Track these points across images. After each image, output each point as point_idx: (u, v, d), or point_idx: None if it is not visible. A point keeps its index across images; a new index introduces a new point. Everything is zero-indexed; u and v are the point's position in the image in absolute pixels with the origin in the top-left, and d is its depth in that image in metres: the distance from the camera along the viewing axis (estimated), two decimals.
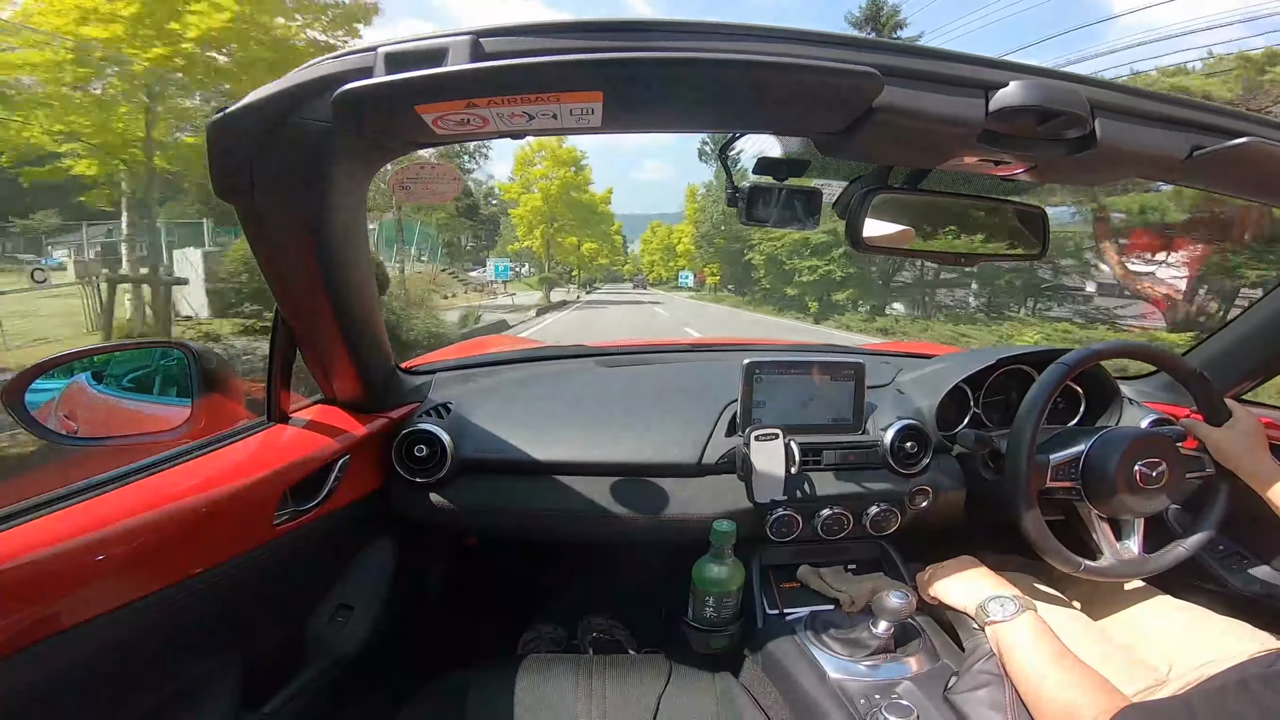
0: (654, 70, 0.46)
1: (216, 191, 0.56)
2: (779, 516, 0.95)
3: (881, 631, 0.80)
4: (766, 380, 0.98)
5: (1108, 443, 0.90)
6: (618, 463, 0.95)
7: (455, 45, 0.45)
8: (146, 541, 0.59)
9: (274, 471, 0.74)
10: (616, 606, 1.25)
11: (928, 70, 0.50)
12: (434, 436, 0.92)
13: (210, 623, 0.70)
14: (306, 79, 0.49)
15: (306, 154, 0.53)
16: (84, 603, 0.55)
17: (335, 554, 0.93)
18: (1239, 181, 0.67)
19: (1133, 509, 0.90)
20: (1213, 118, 0.56)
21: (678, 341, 1.59)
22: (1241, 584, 1.05)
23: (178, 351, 0.74)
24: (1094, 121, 0.53)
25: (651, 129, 0.56)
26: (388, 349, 0.90)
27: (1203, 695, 0.51)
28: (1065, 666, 0.66)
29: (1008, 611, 0.75)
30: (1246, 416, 0.91)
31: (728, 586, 0.88)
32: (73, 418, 0.72)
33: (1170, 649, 0.82)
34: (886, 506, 0.98)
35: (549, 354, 1.38)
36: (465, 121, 0.48)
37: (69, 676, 0.55)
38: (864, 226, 0.71)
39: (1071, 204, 10.07)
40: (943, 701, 0.73)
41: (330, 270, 0.66)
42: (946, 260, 0.80)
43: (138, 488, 0.63)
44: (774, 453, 0.90)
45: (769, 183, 0.72)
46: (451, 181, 1.43)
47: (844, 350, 1.58)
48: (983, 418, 1.13)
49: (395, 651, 0.98)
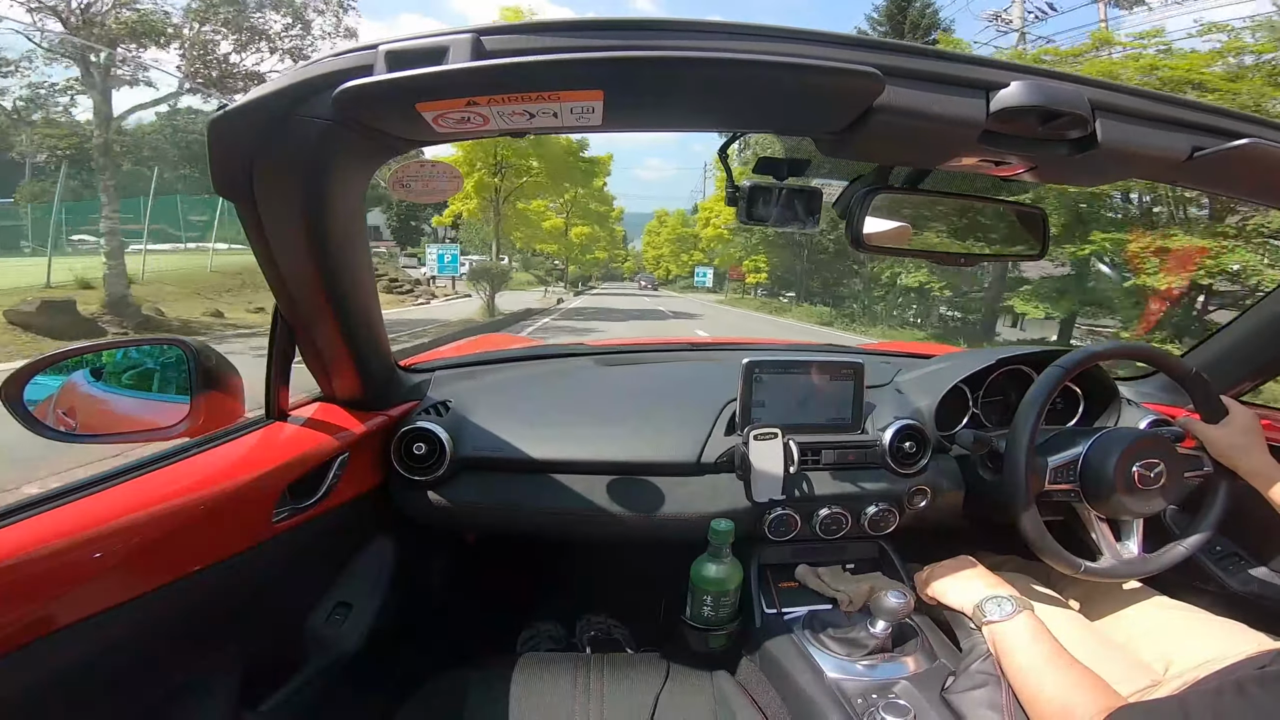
0: (655, 69, 0.46)
1: (217, 189, 0.56)
2: (777, 516, 0.95)
3: (879, 631, 0.81)
4: (766, 379, 0.98)
5: (1106, 443, 0.90)
6: (617, 461, 0.95)
7: (456, 43, 0.44)
8: (144, 539, 0.59)
9: (273, 469, 0.74)
10: (615, 605, 1.25)
11: (929, 70, 0.50)
12: (433, 435, 0.92)
13: (208, 621, 0.70)
14: (308, 76, 0.49)
15: (307, 151, 0.53)
16: (81, 601, 0.55)
17: (334, 552, 0.93)
18: (1240, 183, 0.67)
19: (1131, 509, 0.90)
20: (1214, 119, 0.56)
21: (677, 341, 1.59)
22: (1239, 584, 1.05)
23: (176, 348, 0.73)
24: (1095, 122, 0.53)
25: (652, 128, 0.57)
26: (387, 347, 0.90)
27: (1197, 695, 0.51)
28: (1062, 666, 0.66)
29: (1005, 611, 0.75)
30: (1244, 413, 0.91)
31: (726, 586, 0.88)
32: (71, 415, 0.71)
33: (1168, 649, 0.82)
34: (885, 506, 0.98)
35: (549, 352, 1.38)
36: (466, 120, 0.48)
37: (66, 675, 0.55)
38: (864, 226, 0.71)
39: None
40: (940, 701, 0.73)
41: (329, 268, 0.66)
42: (946, 261, 0.80)
43: (136, 485, 0.63)
44: (773, 452, 0.91)
45: (769, 182, 0.72)
46: (453, 180, 1.39)
47: (843, 350, 1.58)
48: (982, 418, 1.13)
49: (394, 649, 0.98)
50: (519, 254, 25.43)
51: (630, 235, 64.70)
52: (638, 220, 66.19)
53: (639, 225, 61.93)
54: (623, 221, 48.24)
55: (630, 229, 63.59)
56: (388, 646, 0.95)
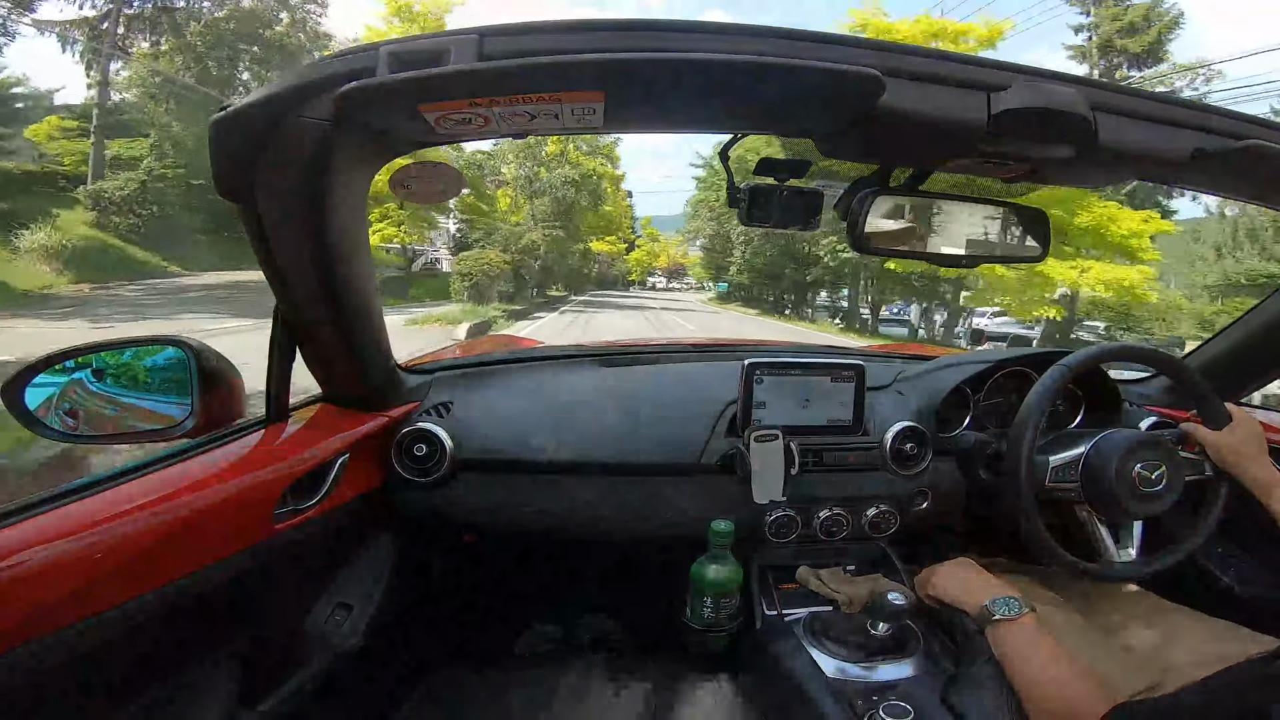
0: (656, 71, 0.46)
1: (218, 190, 0.56)
2: (778, 517, 0.95)
3: (880, 632, 0.80)
4: (767, 381, 0.98)
5: (1107, 445, 0.90)
6: (617, 462, 0.95)
7: (458, 45, 0.45)
8: (145, 539, 0.59)
9: (273, 469, 0.74)
10: (615, 606, 1.25)
11: (930, 71, 0.50)
12: (433, 436, 0.92)
13: (208, 621, 0.70)
14: (310, 78, 0.49)
15: (309, 153, 0.53)
16: (81, 600, 0.55)
17: (334, 553, 0.93)
18: (1241, 184, 0.67)
19: (1131, 511, 0.90)
20: (1215, 120, 0.56)
21: (678, 342, 1.59)
22: (1239, 586, 1.05)
23: (178, 349, 0.73)
24: (1096, 123, 0.52)
25: (653, 129, 0.57)
26: (388, 347, 0.90)
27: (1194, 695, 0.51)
28: (1063, 667, 0.66)
29: (1008, 612, 0.75)
30: (1247, 421, 0.91)
31: (726, 587, 0.88)
32: (73, 415, 0.72)
33: (1167, 651, 0.82)
34: (886, 508, 0.98)
35: (549, 354, 1.38)
36: (467, 121, 0.49)
37: (66, 675, 0.55)
38: (865, 227, 0.71)
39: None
40: (940, 703, 0.73)
41: (331, 269, 0.66)
42: (947, 262, 0.80)
43: (136, 485, 0.63)
44: (773, 453, 0.91)
45: (770, 183, 0.72)
46: (454, 181, 1.38)
47: (844, 351, 1.58)
48: (982, 420, 1.13)
49: (394, 650, 0.98)
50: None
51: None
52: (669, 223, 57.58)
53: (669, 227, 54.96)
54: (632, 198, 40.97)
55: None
56: (387, 647, 0.95)
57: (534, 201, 20.11)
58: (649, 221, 53.00)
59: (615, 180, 26.34)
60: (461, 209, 19.54)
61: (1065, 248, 10.87)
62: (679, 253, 48.93)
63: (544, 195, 20.06)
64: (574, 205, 21.04)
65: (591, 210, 23.51)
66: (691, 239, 31.15)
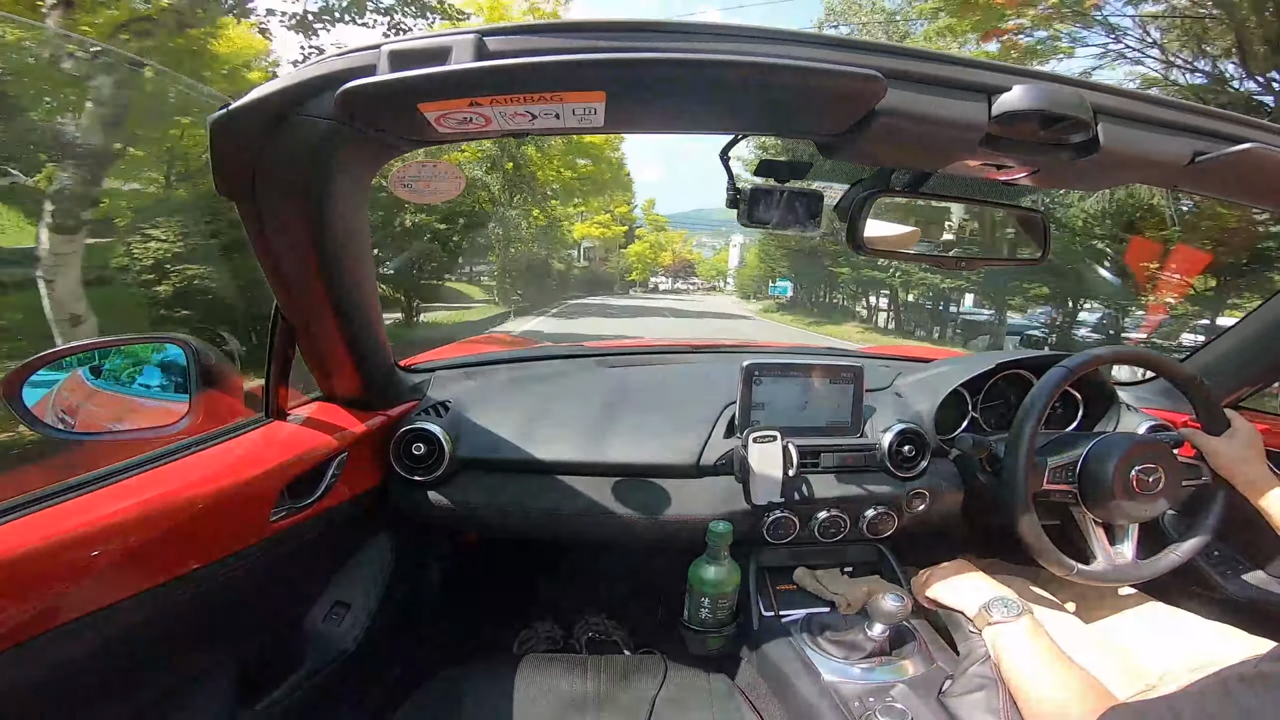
0: (657, 71, 0.46)
1: (218, 189, 0.56)
2: (776, 518, 0.95)
3: (877, 634, 0.81)
4: (765, 382, 0.98)
5: (1105, 448, 0.90)
6: (616, 463, 0.95)
7: (459, 44, 0.45)
8: (142, 537, 0.59)
9: (271, 468, 0.74)
10: (613, 606, 1.25)
11: (930, 73, 0.50)
12: (432, 435, 0.92)
13: (206, 619, 0.70)
14: (310, 76, 0.49)
15: (309, 151, 0.53)
16: (79, 599, 0.55)
17: (332, 551, 0.93)
18: (1241, 187, 0.67)
19: (1128, 514, 0.90)
20: (1216, 123, 0.56)
21: (678, 342, 1.59)
22: (1236, 589, 1.05)
23: (177, 347, 0.73)
24: (1097, 126, 0.52)
25: (654, 130, 0.57)
26: (387, 347, 0.90)
27: (1185, 697, 0.52)
28: (1060, 669, 0.67)
29: (1005, 614, 0.75)
30: (1245, 426, 0.92)
31: (724, 588, 0.88)
32: (71, 412, 0.71)
33: (1164, 654, 0.82)
34: (884, 509, 0.98)
35: (549, 353, 1.38)
36: (468, 120, 0.48)
37: (63, 673, 0.55)
38: (865, 229, 0.71)
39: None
40: (937, 704, 0.73)
41: (331, 268, 0.66)
42: (947, 264, 0.80)
43: (134, 483, 0.63)
44: (772, 455, 0.91)
45: (770, 185, 0.72)
46: (454, 180, 1.37)
47: (843, 353, 1.58)
48: (981, 422, 1.13)
49: (391, 649, 0.98)
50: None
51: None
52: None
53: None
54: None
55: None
56: (385, 646, 0.95)
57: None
58: (651, 205, 44.09)
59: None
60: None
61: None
62: (684, 248, 45.75)
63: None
64: (518, 153, 12.52)
65: (549, 162, 13.74)
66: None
